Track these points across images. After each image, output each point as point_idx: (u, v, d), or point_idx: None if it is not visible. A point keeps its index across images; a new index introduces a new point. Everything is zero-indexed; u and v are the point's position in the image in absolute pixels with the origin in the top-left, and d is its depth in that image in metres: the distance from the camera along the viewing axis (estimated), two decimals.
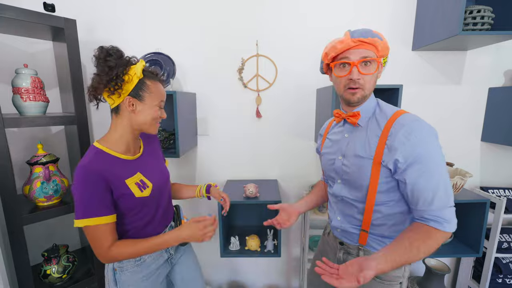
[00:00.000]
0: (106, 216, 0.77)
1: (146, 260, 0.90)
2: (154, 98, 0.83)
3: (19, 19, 1.08)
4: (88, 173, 0.75)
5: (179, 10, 1.49)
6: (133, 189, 0.82)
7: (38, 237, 1.53)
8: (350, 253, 0.87)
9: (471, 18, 1.23)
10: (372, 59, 0.73)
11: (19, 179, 1.34)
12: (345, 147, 0.83)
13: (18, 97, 1.17)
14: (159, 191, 0.92)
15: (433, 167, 0.68)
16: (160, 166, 0.97)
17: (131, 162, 0.86)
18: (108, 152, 0.81)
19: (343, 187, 0.85)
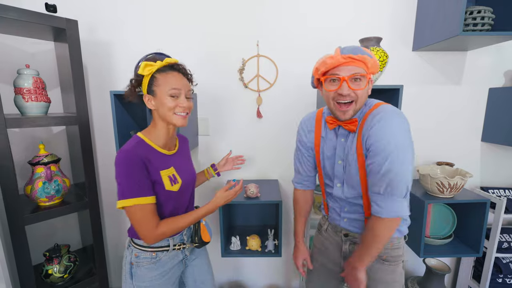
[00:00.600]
0: (150, 196, 0.81)
1: (161, 258, 0.92)
2: (163, 89, 0.84)
3: (21, 19, 1.09)
4: (130, 157, 0.80)
5: (180, 11, 1.50)
6: (165, 181, 0.86)
7: (39, 237, 1.54)
8: (356, 242, 0.91)
9: (471, 19, 1.23)
10: (362, 75, 0.76)
11: (21, 179, 1.35)
12: (343, 152, 0.86)
13: (20, 97, 1.18)
14: (186, 189, 0.95)
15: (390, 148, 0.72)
16: (189, 166, 1.02)
17: (167, 157, 0.91)
18: (148, 143, 0.87)
19: (345, 190, 0.88)
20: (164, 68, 0.86)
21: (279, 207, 1.34)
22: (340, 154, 0.86)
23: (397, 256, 0.90)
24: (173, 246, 0.94)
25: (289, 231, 1.74)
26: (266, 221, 1.65)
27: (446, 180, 1.28)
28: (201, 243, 1.00)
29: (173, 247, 0.94)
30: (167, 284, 0.94)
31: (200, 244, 1.00)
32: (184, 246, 0.98)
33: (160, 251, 0.92)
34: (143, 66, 0.83)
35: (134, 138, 0.87)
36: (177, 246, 0.95)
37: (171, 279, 0.96)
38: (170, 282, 0.96)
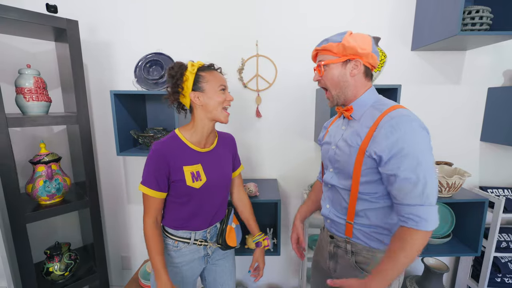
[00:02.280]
0: (155, 190, 0.88)
1: (182, 249, 0.96)
2: (213, 84, 0.90)
3: (22, 20, 1.10)
4: (155, 151, 0.88)
5: (179, 11, 1.51)
6: (186, 177, 0.90)
7: (40, 235, 1.56)
8: (339, 246, 0.90)
9: (469, 18, 1.23)
10: (327, 62, 0.81)
11: (22, 178, 1.36)
12: (340, 137, 0.87)
13: (21, 97, 1.19)
14: (211, 188, 0.95)
15: (415, 163, 0.67)
16: (223, 167, 1.01)
17: (197, 153, 0.94)
18: (181, 139, 0.93)
19: (334, 175, 0.88)
20: (206, 68, 0.93)
21: (278, 206, 1.35)
22: (336, 140, 0.88)
23: None
24: (194, 241, 0.97)
25: (288, 230, 1.75)
26: (265, 220, 1.65)
27: (444, 180, 1.29)
28: (225, 246, 1.01)
29: (194, 242, 0.97)
30: (184, 275, 0.98)
31: (224, 246, 1.02)
32: (206, 244, 0.99)
33: (181, 242, 0.96)
34: (190, 65, 0.90)
35: (171, 134, 0.94)
36: (198, 241, 0.98)
37: (189, 271, 0.99)
38: (188, 274, 0.98)
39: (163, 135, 1.44)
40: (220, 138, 1.05)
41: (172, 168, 0.88)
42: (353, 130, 0.82)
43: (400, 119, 0.71)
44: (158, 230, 0.92)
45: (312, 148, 1.64)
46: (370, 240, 0.83)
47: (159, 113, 1.60)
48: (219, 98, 0.90)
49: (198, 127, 0.94)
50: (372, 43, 0.79)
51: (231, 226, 1.05)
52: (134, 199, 1.74)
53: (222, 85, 0.92)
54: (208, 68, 0.94)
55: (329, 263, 0.93)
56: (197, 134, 0.94)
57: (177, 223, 0.96)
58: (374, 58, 0.79)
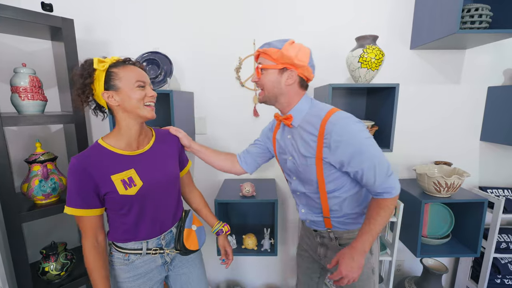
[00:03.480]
0: (82, 209, 0.79)
1: (134, 261, 0.88)
2: (128, 81, 0.80)
3: (17, 18, 1.09)
4: (74, 166, 0.78)
5: (176, 10, 1.50)
6: (117, 186, 0.80)
7: (36, 235, 1.55)
8: (323, 236, 0.99)
9: (469, 17, 1.22)
10: (265, 66, 0.84)
11: (17, 177, 1.36)
12: (291, 147, 0.91)
13: (17, 96, 1.18)
14: (152, 192, 0.87)
15: (366, 154, 0.78)
16: (163, 167, 0.91)
17: (127, 158, 0.85)
18: (105, 147, 0.83)
19: (299, 183, 0.95)
20: (119, 63, 0.82)
21: (275, 206, 1.34)
22: (290, 150, 0.92)
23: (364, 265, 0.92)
24: (147, 250, 0.89)
25: (285, 230, 1.74)
26: (262, 220, 1.65)
27: (443, 180, 1.28)
28: (185, 251, 0.94)
29: (147, 251, 0.89)
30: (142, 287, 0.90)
31: (183, 251, 0.94)
32: (162, 251, 0.92)
33: (132, 254, 0.88)
34: (96, 61, 0.78)
35: (93, 144, 0.85)
36: (152, 251, 0.90)
37: (146, 284, 0.91)
38: (146, 286, 0.91)
39: None
40: (158, 136, 0.96)
41: (98, 180, 0.79)
42: (301, 139, 0.87)
43: (341, 123, 0.78)
44: (99, 253, 0.83)
45: None
46: (347, 225, 0.94)
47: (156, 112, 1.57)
48: (137, 95, 0.80)
49: (123, 129, 0.84)
50: (310, 56, 0.84)
51: (191, 229, 0.98)
52: None
53: (139, 81, 0.81)
54: (123, 63, 0.83)
55: (320, 250, 1.03)
56: (124, 137, 0.85)
57: (124, 235, 0.87)
58: (309, 72, 0.85)
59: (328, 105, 0.88)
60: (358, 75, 1.28)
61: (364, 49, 1.24)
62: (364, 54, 1.23)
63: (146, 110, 0.84)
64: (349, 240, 0.94)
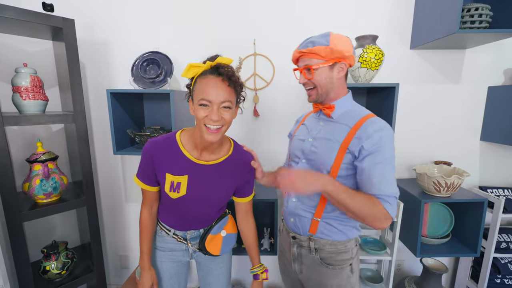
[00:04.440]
0: (144, 184, 0.91)
1: (164, 236, 0.99)
2: (196, 97, 0.77)
3: (18, 19, 1.10)
4: (146, 148, 0.86)
5: (177, 10, 1.50)
6: (166, 183, 0.87)
7: (37, 234, 1.56)
8: (302, 245, 0.91)
9: (468, 16, 1.22)
10: (314, 66, 0.82)
11: (19, 177, 1.37)
12: (317, 132, 0.90)
13: (18, 95, 1.19)
14: (190, 202, 0.89)
15: (386, 161, 0.76)
16: (216, 187, 0.89)
17: (189, 162, 0.86)
18: (177, 142, 0.87)
19: (306, 167, 0.89)
20: (208, 72, 0.76)
21: (275, 205, 1.34)
22: (314, 133, 0.90)
23: (342, 260, 0.87)
24: (173, 235, 0.98)
25: None
26: (262, 220, 1.65)
27: (443, 179, 1.28)
28: (205, 252, 0.98)
29: (173, 236, 0.98)
30: (165, 258, 1.00)
31: (203, 252, 0.99)
32: (185, 243, 0.99)
33: (164, 230, 0.99)
34: (187, 68, 0.77)
35: (170, 134, 0.90)
36: (178, 237, 0.98)
37: (170, 257, 1.00)
38: (169, 259, 1.00)
39: (160, 134, 1.44)
40: (233, 156, 0.91)
41: (157, 170, 0.87)
42: (333, 127, 0.86)
43: (381, 124, 0.79)
44: (150, 219, 0.96)
45: None
46: (334, 233, 0.87)
47: (157, 112, 1.60)
48: (198, 114, 0.76)
49: (195, 133, 0.85)
50: (351, 44, 0.84)
51: (218, 234, 0.99)
52: (131, 198, 1.74)
53: (204, 99, 0.74)
54: (208, 72, 0.76)
55: (294, 266, 0.95)
56: (192, 141, 0.87)
57: (161, 214, 0.99)
58: (354, 59, 0.85)
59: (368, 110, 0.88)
60: (358, 74, 1.29)
61: (364, 49, 1.24)
62: (364, 54, 1.23)
63: (204, 131, 0.77)
64: (331, 254, 0.87)
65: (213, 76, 0.75)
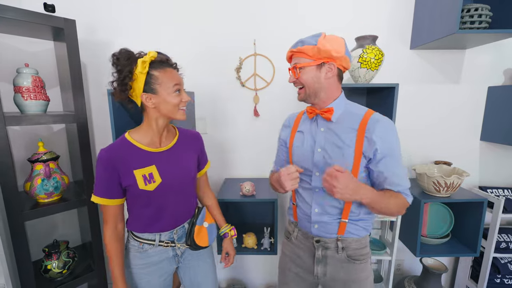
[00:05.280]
0: (107, 199, 0.86)
1: (147, 250, 0.94)
2: (167, 86, 0.83)
3: (20, 19, 1.10)
4: (102, 159, 0.84)
5: (177, 10, 1.51)
6: (138, 180, 0.85)
7: (39, 233, 1.57)
8: (328, 247, 0.91)
9: (468, 17, 1.22)
10: (302, 65, 0.83)
11: (20, 176, 1.37)
12: (323, 140, 0.88)
13: (19, 95, 1.20)
14: (170, 189, 0.91)
15: (398, 159, 0.83)
16: (182, 167, 0.95)
17: (150, 154, 0.89)
18: (131, 142, 0.88)
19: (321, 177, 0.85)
20: (159, 65, 0.83)
21: (275, 205, 1.35)
22: (321, 143, 0.88)
23: (365, 254, 0.92)
24: (159, 242, 0.94)
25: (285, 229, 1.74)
26: (262, 219, 1.66)
27: (443, 179, 1.28)
28: (194, 246, 0.98)
29: (159, 243, 0.94)
30: (152, 275, 0.95)
31: (193, 247, 0.98)
32: (173, 245, 0.97)
33: (146, 243, 0.94)
34: (140, 64, 0.80)
35: (120, 138, 0.89)
36: (164, 243, 0.95)
37: (157, 272, 0.96)
38: (156, 274, 0.96)
39: None
40: (182, 136, 0.99)
41: (122, 173, 0.84)
42: (337, 131, 0.85)
43: (384, 123, 0.82)
44: (117, 241, 0.90)
45: None
46: (359, 230, 0.90)
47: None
48: (174, 100, 0.84)
49: (151, 127, 0.89)
50: (345, 45, 0.83)
51: (202, 226, 1.01)
52: None
53: (177, 84, 0.85)
54: (162, 64, 0.84)
55: (317, 269, 0.93)
56: (149, 133, 0.90)
57: (140, 226, 0.93)
58: (347, 61, 0.84)
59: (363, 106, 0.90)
60: (358, 75, 1.29)
61: (364, 49, 1.24)
62: (363, 54, 1.24)
63: (179, 113, 0.87)
64: (356, 250, 0.90)
65: (171, 69, 0.86)
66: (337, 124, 0.86)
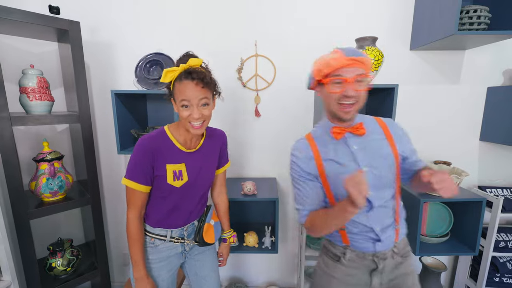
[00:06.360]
0: (141, 184, 0.89)
1: (159, 245, 0.98)
2: (177, 99, 0.85)
3: (25, 21, 1.13)
4: (141, 146, 0.88)
5: (180, 12, 1.53)
6: (168, 174, 0.90)
7: (44, 232, 1.59)
8: (386, 257, 0.88)
9: (467, 18, 1.23)
10: (363, 76, 0.76)
11: (26, 176, 1.39)
12: (365, 157, 0.83)
13: (25, 96, 1.22)
14: (192, 188, 0.97)
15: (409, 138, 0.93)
16: (206, 168, 1.00)
17: (182, 153, 0.94)
18: (169, 137, 0.92)
19: (376, 195, 0.83)
20: (182, 76, 0.82)
21: (276, 204, 1.36)
22: (363, 161, 0.82)
23: (409, 248, 0.97)
24: (171, 238, 0.98)
25: (285, 228, 1.76)
26: (263, 218, 1.67)
27: None
28: (202, 243, 1.03)
29: (171, 239, 0.98)
30: (162, 269, 0.99)
31: (201, 243, 1.03)
32: (183, 241, 1.01)
33: (158, 239, 0.97)
34: (164, 74, 0.83)
35: (159, 129, 0.94)
36: (175, 239, 0.99)
37: (166, 266, 1.00)
38: (165, 269, 1.00)
39: None
40: (208, 137, 1.02)
41: (156, 163, 0.89)
42: (374, 144, 0.85)
43: (391, 120, 0.93)
44: (141, 224, 0.94)
45: None
46: (404, 229, 0.93)
47: (160, 112, 1.62)
48: (182, 114, 0.86)
49: (182, 129, 0.93)
50: None
51: (210, 224, 1.06)
52: None
53: (184, 100, 0.83)
54: (184, 75, 0.82)
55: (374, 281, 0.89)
56: (181, 135, 0.94)
57: (154, 220, 0.97)
58: None
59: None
60: None
61: (364, 51, 1.25)
62: None
63: (190, 127, 0.88)
64: (405, 248, 0.92)
65: (188, 81, 0.82)
66: (367, 137, 0.84)
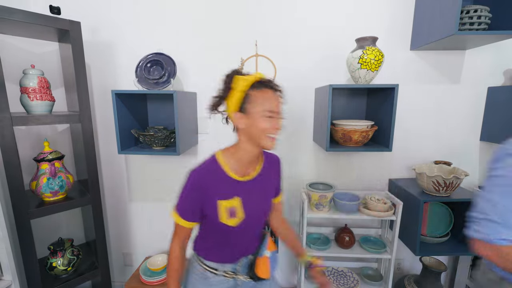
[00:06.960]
0: (184, 220, 0.82)
1: (209, 277, 0.89)
2: (258, 108, 0.76)
3: (26, 21, 1.13)
4: (191, 180, 0.80)
5: (180, 12, 1.53)
6: (220, 213, 0.80)
7: (44, 231, 1.60)
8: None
9: (467, 18, 1.23)
10: None
11: (26, 175, 1.40)
12: None
13: (26, 96, 1.22)
14: (249, 224, 0.86)
15: None
16: (264, 199, 0.90)
17: (236, 183, 0.83)
18: (221, 166, 0.83)
19: None
20: (259, 85, 0.77)
21: None
22: None
23: None
24: (223, 272, 0.90)
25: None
26: None
27: (442, 179, 1.29)
28: (256, 278, 0.91)
29: (222, 273, 0.90)
30: None
31: (255, 279, 0.91)
32: (235, 276, 0.91)
33: (209, 271, 0.89)
34: (236, 81, 0.76)
35: (211, 158, 0.85)
36: (228, 273, 0.90)
37: None
38: None
39: (163, 134, 1.46)
40: (266, 161, 0.91)
41: (206, 200, 0.80)
42: None
43: None
44: (182, 257, 0.87)
45: (311, 147, 1.65)
46: None
47: (160, 112, 1.63)
48: (263, 124, 0.76)
49: (240, 151, 0.83)
50: None
51: (265, 256, 0.92)
52: (135, 197, 1.77)
53: (271, 111, 0.76)
54: (262, 84, 0.77)
55: None
56: (238, 160, 0.83)
57: (205, 252, 0.90)
58: None
59: None
60: (358, 76, 1.31)
61: (364, 51, 1.26)
62: (363, 56, 1.25)
63: (267, 141, 0.78)
64: None
65: (271, 91, 0.78)
66: None
